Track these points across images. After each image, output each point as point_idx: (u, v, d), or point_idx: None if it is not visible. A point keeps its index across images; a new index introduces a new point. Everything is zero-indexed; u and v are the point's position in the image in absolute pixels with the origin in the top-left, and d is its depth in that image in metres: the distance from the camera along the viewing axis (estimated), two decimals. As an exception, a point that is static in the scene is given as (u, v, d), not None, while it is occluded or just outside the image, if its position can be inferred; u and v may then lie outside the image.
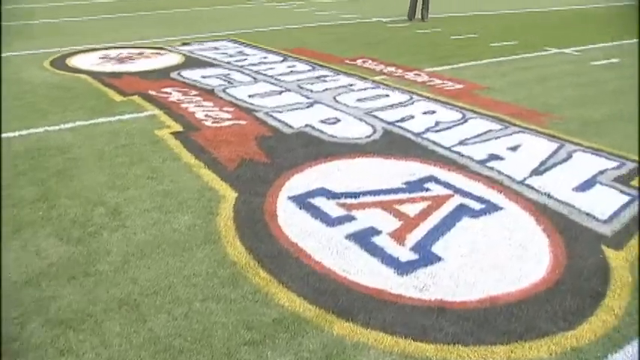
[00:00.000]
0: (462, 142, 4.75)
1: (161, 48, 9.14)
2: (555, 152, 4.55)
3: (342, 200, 3.69)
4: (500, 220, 3.44)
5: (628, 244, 3.16)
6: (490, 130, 5.06)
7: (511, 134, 4.97)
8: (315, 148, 4.63)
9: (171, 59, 8.24)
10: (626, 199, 3.73)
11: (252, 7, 15.15)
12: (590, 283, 2.81)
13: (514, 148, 4.62)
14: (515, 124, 5.21)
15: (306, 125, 5.22)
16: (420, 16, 12.11)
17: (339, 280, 2.84)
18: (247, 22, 11.92)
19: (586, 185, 3.94)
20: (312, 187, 3.89)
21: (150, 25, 11.67)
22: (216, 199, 3.72)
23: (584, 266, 2.95)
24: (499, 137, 4.90)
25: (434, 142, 4.76)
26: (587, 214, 3.52)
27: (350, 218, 3.47)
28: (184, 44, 9.45)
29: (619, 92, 6.39)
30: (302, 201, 3.70)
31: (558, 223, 3.41)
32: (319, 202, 3.68)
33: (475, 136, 4.90)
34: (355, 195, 3.77)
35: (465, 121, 5.33)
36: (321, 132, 5.04)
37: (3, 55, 8.21)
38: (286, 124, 5.25)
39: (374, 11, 13.47)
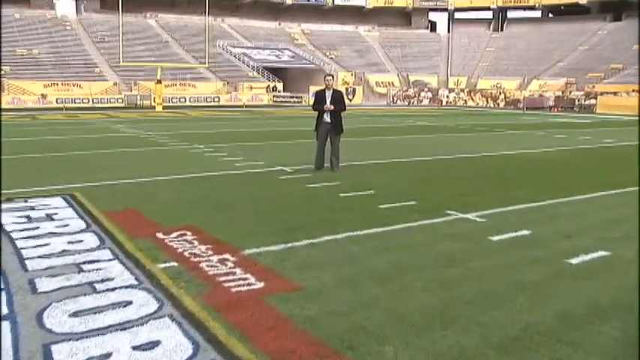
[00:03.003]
0: None
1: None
2: None
3: None
4: None
5: None
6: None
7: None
8: None
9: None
10: None
11: (155, 152, 13.51)
12: None
13: None
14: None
15: None
16: (330, 165, 10.32)
17: None
18: (136, 170, 10.14)
19: None
20: None
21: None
22: None
23: None
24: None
25: None
26: None
27: None
28: (8, 200, 7.56)
29: (486, 299, 4.20)
30: None
31: None
32: None
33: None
34: None
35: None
36: None
37: None
38: None
39: (286, 159, 11.74)
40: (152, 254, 5.24)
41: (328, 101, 10.07)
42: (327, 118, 10.12)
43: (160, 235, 5.88)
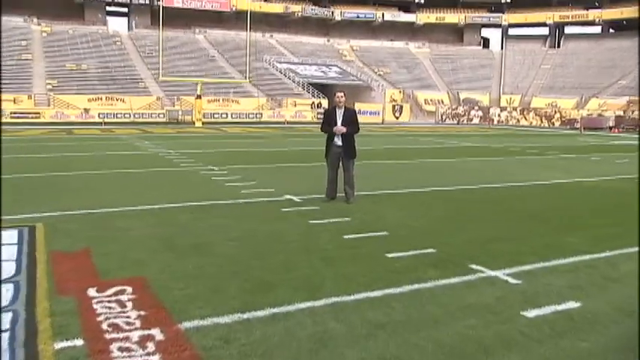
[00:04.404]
0: None
1: None
2: None
3: None
4: None
5: None
6: None
7: None
8: None
9: None
10: None
11: (161, 174, 12.43)
12: None
13: None
14: None
15: None
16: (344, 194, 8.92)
17: None
18: (126, 196, 9.07)
19: None
20: None
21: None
22: None
23: None
24: None
25: None
26: None
27: None
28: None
29: None
30: None
31: None
32: None
33: None
34: None
35: None
36: None
37: None
38: None
39: (301, 185, 10.42)
40: (62, 323, 3.97)
41: (339, 121, 8.73)
42: (337, 140, 8.78)
43: (91, 292, 4.62)
